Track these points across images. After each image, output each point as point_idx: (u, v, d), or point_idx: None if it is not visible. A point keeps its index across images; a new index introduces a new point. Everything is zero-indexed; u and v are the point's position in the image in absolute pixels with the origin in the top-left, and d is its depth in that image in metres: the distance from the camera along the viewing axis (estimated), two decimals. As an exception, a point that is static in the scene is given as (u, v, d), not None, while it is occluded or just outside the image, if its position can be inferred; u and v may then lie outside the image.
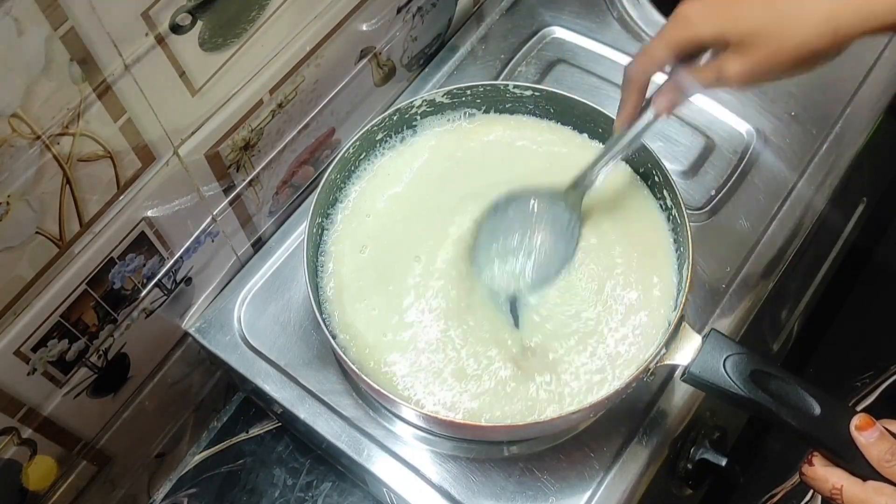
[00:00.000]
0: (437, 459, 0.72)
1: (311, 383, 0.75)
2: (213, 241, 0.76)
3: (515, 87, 0.77)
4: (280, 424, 0.90)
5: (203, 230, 0.74)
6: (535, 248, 0.71)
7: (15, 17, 0.48)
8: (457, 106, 0.78)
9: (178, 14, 0.58)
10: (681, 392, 0.74)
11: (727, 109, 0.89)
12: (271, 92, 0.72)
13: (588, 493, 0.70)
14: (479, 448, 0.72)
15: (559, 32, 0.96)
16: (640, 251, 0.72)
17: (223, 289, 0.81)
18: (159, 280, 0.72)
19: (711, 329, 0.64)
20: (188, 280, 0.76)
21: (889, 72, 0.92)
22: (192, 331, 0.79)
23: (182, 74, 0.62)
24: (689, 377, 0.63)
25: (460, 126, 0.79)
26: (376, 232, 0.75)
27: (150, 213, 0.67)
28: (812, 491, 0.76)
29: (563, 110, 0.78)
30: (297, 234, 0.84)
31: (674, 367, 0.67)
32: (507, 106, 0.79)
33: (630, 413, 0.73)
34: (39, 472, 0.69)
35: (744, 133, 0.88)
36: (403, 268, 0.72)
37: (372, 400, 0.74)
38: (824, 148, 0.87)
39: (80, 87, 0.54)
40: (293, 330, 0.78)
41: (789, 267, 0.83)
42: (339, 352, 0.65)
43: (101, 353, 0.69)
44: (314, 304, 0.67)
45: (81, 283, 0.64)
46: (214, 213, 0.75)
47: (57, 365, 0.65)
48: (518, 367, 0.68)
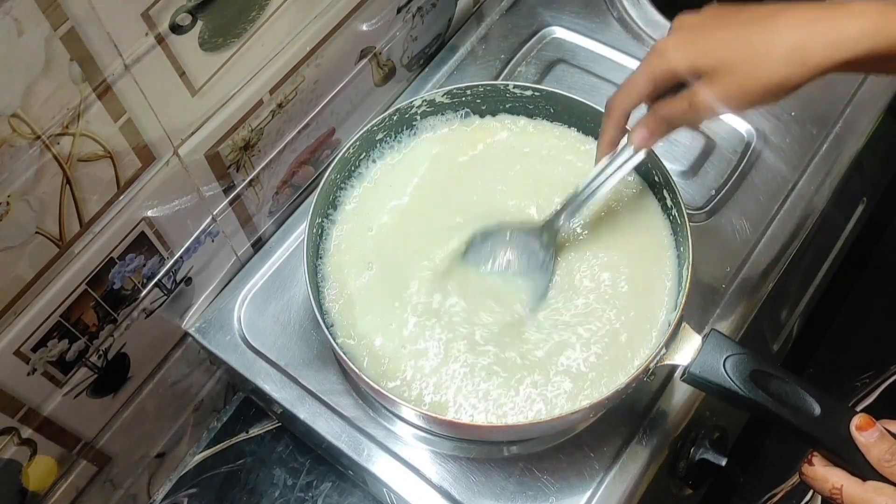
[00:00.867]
0: (437, 459, 0.72)
1: (311, 383, 0.75)
2: (213, 241, 0.76)
3: (515, 87, 0.77)
4: (280, 424, 0.90)
5: (203, 230, 0.74)
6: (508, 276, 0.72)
7: (15, 17, 0.48)
8: (457, 106, 0.78)
9: (178, 14, 0.58)
10: (681, 392, 0.74)
11: (727, 109, 0.89)
12: (271, 92, 0.72)
13: (588, 493, 0.70)
14: (479, 448, 0.72)
15: (559, 32, 0.96)
16: (641, 251, 0.72)
17: (223, 289, 0.81)
18: (159, 280, 0.72)
19: (711, 329, 0.64)
20: (188, 280, 0.76)
21: (889, 72, 0.92)
22: (192, 331, 0.79)
23: (182, 74, 0.62)
24: (689, 377, 0.63)
25: (460, 126, 0.79)
26: (377, 233, 0.75)
27: (150, 213, 0.67)
28: (812, 491, 0.76)
29: (563, 110, 0.78)
30: (297, 234, 0.84)
31: (674, 368, 0.67)
32: (507, 106, 0.79)
33: (630, 413, 0.73)
34: (39, 472, 0.69)
35: (744, 133, 0.88)
36: (405, 268, 0.72)
37: (372, 400, 0.74)
38: (824, 148, 0.87)
39: (80, 87, 0.54)
40: (293, 330, 0.78)
41: (789, 267, 0.83)
42: (340, 352, 0.65)
43: (101, 353, 0.69)
44: (314, 304, 0.67)
45: (81, 283, 0.64)
46: (214, 213, 0.75)
47: (57, 365, 0.65)
48: (517, 369, 0.68)
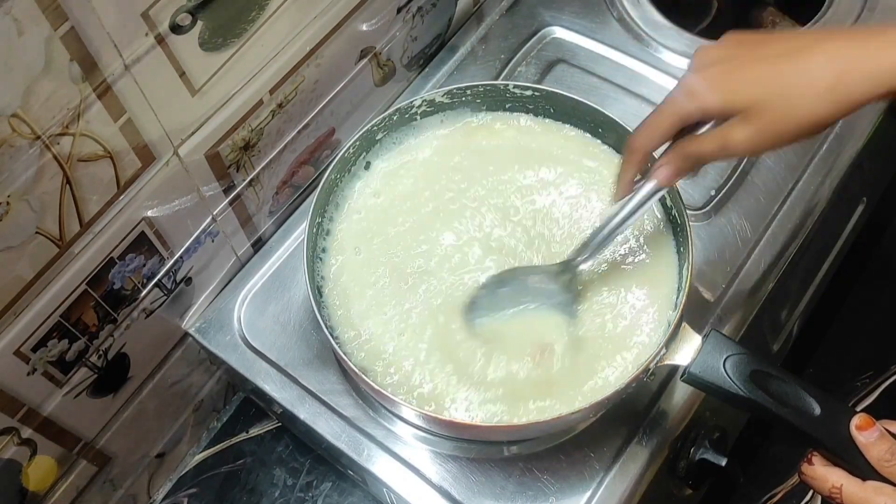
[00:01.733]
0: (437, 459, 0.72)
1: (311, 383, 0.75)
2: (213, 241, 0.76)
3: (515, 87, 0.77)
4: (280, 424, 0.90)
5: (203, 230, 0.74)
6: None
7: (15, 17, 0.48)
8: (457, 106, 0.78)
9: (178, 14, 0.58)
10: (681, 392, 0.74)
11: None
12: (271, 92, 0.72)
13: (588, 493, 0.70)
14: (479, 448, 0.72)
15: (559, 32, 0.96)
16: (640, 251, 0.72)
17: (223, 289, 0.81)
18: (159, 280, 0.72)
19: (711, 329, 0.64)
20: (188, 280, 0.76)
21: (889, 72, 0.92)
22: (192, 331, 0.79)
23: (182, 74, 0.62)
24: (689, 377, 0.63)
25: (460, 126, 0.79)
26: (377, 233, 0.74)
27: (150, 213, 0.67)
28: (812, 491, 0.75)
29: (563, 110, 0.78)
30: (297, 234, 0.84)
31: (674, 368, 0.67)
32: (507, 106, 0.79)
33: (630, 413, 0.73)
34: (39, 472, 0.69)
35: (744, 133, 0.88)
36: (406, 268, 0.72)
37: (372, 400, 0.74)
38: (824, 148, 0.87)
39: (80, 87, 0.54)
40: (293, 330, 0.78)
41: (789, 267, 0.83)
42: (340, 352, 0.65)
43: (101, 353, 0.69)
44: (314, 304, 0.67)
45: (81, 283, 0.64)
46: (214, 213, 0.75)
47: (57, 365, 0.65)
48: (517, 369, 0.68)
